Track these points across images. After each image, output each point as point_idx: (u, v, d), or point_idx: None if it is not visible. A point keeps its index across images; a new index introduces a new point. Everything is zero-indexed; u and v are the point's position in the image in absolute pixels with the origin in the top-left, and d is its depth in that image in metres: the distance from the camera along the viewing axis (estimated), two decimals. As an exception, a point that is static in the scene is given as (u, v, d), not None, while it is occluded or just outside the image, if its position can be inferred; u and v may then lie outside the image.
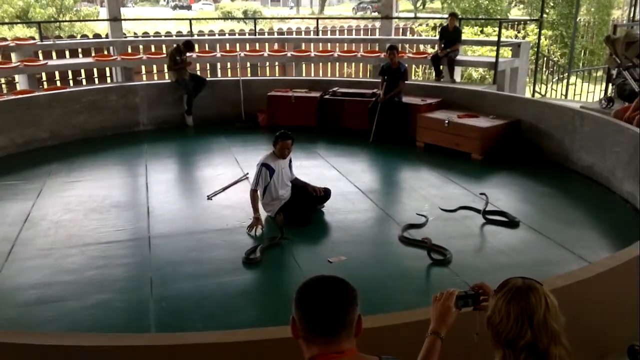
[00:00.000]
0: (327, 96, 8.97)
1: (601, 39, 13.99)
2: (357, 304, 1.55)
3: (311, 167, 6.86)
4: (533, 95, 11.24)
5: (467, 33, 14.28)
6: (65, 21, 19.02)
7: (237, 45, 11.85)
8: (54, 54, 10.91)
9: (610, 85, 8.19)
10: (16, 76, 10.36)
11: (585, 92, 11.53)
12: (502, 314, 1.59)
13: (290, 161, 5.32)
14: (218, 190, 5.95)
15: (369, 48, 11.91)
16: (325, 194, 5.46)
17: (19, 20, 18.48)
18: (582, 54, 16.71)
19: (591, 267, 3.16)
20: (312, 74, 12.60)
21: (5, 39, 11.08)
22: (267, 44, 12.49)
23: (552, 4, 16.97)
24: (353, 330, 1.54)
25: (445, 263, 4.29)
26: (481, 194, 5.50)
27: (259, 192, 5.07)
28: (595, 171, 6.38)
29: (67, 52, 11.04)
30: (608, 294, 3.05)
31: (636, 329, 3.03)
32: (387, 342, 2.33)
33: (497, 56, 9.97)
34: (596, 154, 6.37)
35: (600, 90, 10.49)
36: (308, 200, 5.30)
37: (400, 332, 2.44)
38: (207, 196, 5.80)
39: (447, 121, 7.45)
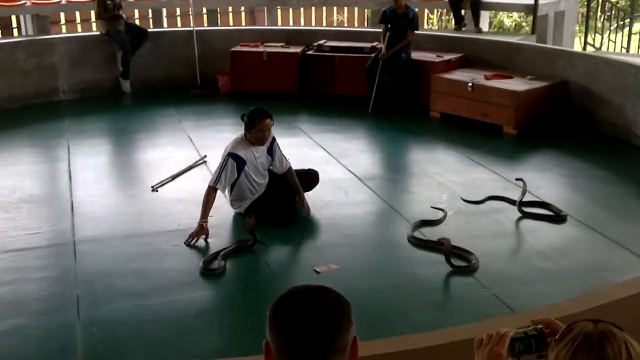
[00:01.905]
0: (311, 52, 8.94)
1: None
2: (353, 323, 1.56)
3: (291, 147, 6.79)
4: (584, 48, 11.31)
5: (497, -34, 14.27)
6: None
7: (189, -16, 11.75)
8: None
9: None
10: None
11: (653, 44, 11.63)
12: None
13: (275, 142, 5.18)
14: (166, 179, 5.93)
15: (366, -13, 11.87)
16: (310, 179, 5.45)
17: None
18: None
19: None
20: (291, 23, 12.55)
21: None
22: (229, -18, 12.40)
23: None
24: (347, 357, 1.54)
25: (469, 271, 4.33)
26: (517, 179, 5.54)
27: (221, 189, 4.96)
28: (666, 148, 6.47)
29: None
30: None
31: None
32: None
33: (536, -3, 10.00)
34: (667, 125, 6.46)
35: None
36: (286, 192, 5.26)
37: (411, 360, 2.47)
38: (152, 187, 5.79)
39: (470, 83, 7.48)
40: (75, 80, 8.94)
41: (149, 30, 9.50)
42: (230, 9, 12.42)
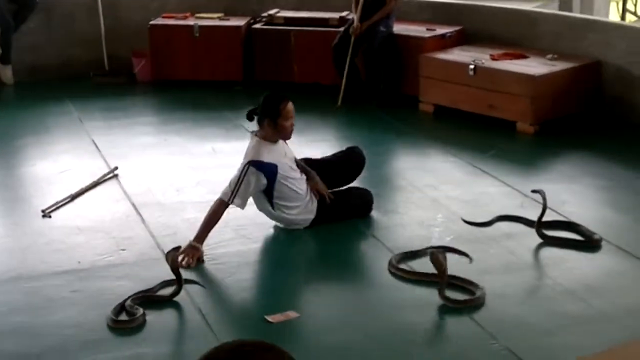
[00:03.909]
0: (258, 25, 8.97)
1: None
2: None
3: (234, 155, 6.79)
4: (623, 17, 11.51)
5: None
6: None
7: None
8: None
9: None
10: None
11: None
12: None
13: None
14: (62, 201, 5.89)
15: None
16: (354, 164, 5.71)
17: None
18: None
19: None
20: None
21: None
22: None
23: None
24: None
25: (471, 308, 4.37)
26: (533, 191, 5.56)
27: (238, 205, 5.08)
28: None
29: None
30: None
31: None
32: None
33: (558, -50, 10.16)
34: None
35: None
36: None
37: None
38: (43, 212, 5.74)
39: (472, 66, 7.55)
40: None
41: (37, -2, 9.44)
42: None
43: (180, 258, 4.78)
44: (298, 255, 5.18)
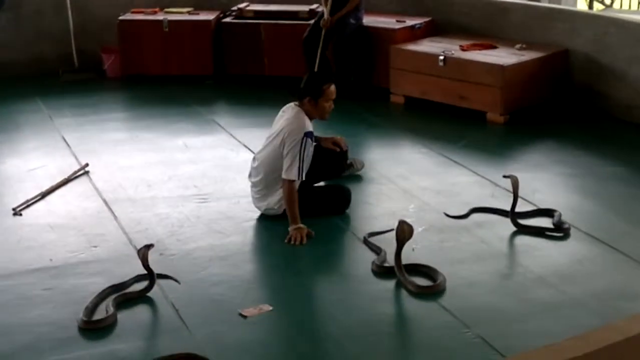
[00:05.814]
0: (228, 19, 8.98)
1: None
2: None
3: (205, 149, 6.87)
4: (590, 6, 11.58)
5: None
6: None
7: None
8: None
9: None
10: None
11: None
12: None
13: None
14: (33, 199, 5.87)
15: None
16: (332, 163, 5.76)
17: None
18: None
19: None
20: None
21: None
22: None
23: None
24: None
25: (437, 295, 4.41)
26: (506, 176, 5.55)
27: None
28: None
29: None
30: None
31: None
32: None
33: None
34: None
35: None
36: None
37: None
38: (13, 210, 5.72)
39: (442, 57, 7.59)
40: None
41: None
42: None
43: (292, 241, 5.04)
44: (271, 249, 5.18)
